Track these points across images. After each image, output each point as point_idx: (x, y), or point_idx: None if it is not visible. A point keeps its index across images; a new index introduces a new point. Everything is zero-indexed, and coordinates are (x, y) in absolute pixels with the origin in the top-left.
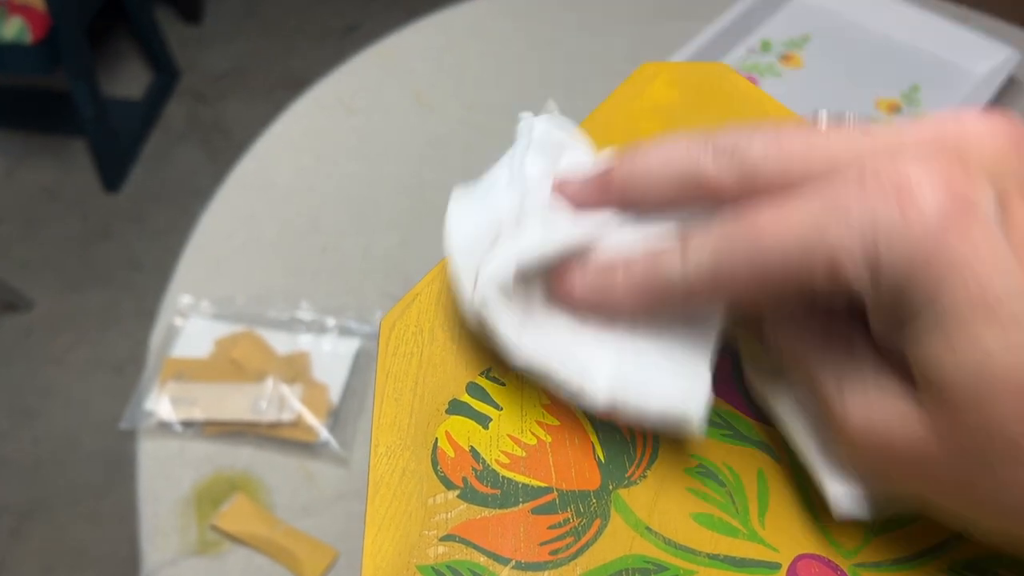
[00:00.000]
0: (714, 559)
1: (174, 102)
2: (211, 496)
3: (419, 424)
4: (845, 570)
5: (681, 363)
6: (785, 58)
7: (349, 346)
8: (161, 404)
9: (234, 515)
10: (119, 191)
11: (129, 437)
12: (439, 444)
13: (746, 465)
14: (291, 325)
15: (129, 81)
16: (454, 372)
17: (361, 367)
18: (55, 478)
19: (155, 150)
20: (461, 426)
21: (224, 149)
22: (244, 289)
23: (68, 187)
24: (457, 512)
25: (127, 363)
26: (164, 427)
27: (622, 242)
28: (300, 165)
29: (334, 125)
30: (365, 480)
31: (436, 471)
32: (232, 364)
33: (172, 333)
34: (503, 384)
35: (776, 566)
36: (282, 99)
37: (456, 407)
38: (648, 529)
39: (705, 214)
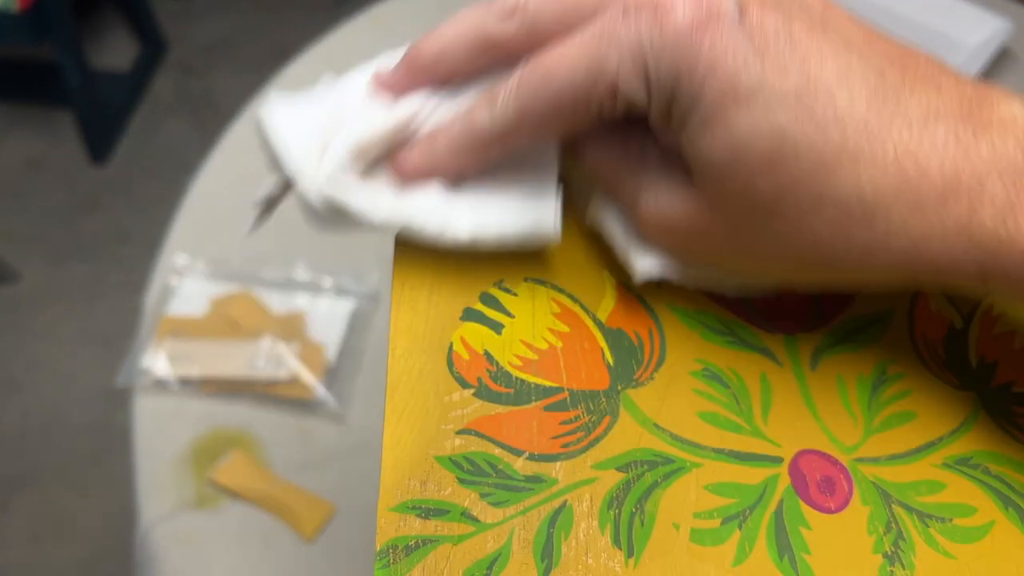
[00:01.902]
0: (719, 453)
1: (162, 74)
2: (208, 452)
3: (434, 330)
4: (844, 464)
5: (529, 194)
6: None
7: (345, 306)
8: (158, 361)
9: (231, 470)
10: (106, 163)
11: (117, 409)
12: (454, 348)
13: (750, 369)
14: (287, 285)
15: (117, 53)
16: (468, 282)
17: (357, 326)
18: (43, 450)
19: (143, 122)
20: (475, 332)
21: (212, 121)
22: (239, 250)
23: (55, 159)
24: (472, 409)
25: (115, 335)
26: (160, 384)
27: (443, 117)
28: None
29: None
30: (362, 437)
31: (452, 371)
32: (228, 323)
33: (167, 293)
34: (515, 294)
35: (778, 460)
36: (271, 71)
37: (470, 314)
38: (656, 426)
39: (508, 74)
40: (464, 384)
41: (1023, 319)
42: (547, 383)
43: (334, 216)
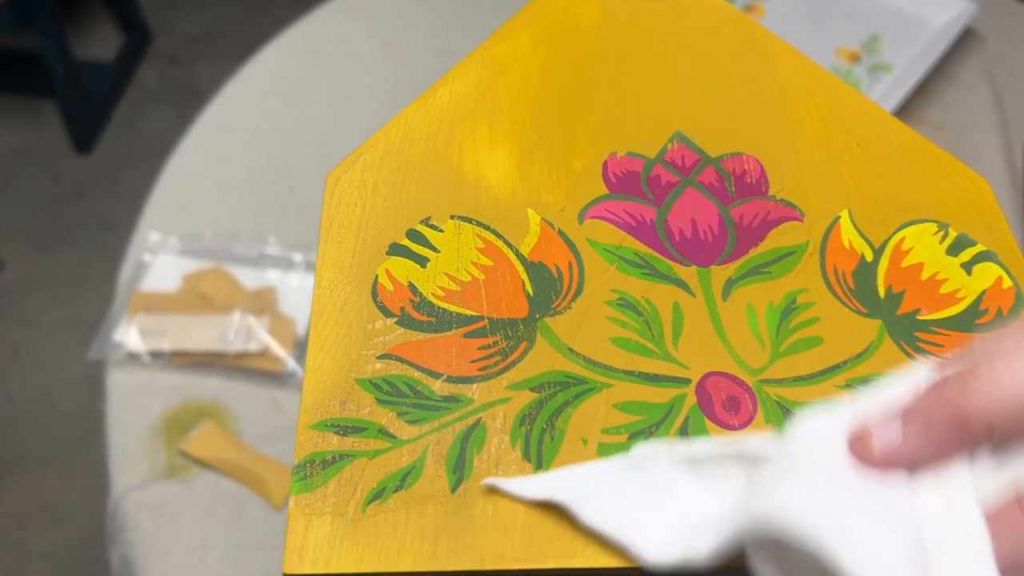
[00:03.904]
0: (629, 375)
1: (147, 64)
2: (179, 424)
3: (360, 264)
4: (750, 385)
5: None
6: (749, 8)
7: None
8: (129, 335)
9: (202, 441)
10: (91, 153)
11: (102, 395)
12: (379, 280)
13: (663, 298)
14: (259, 261)
15: (101, 44)
16: (395, 220)
17: None
18: (29, 436)
19: (128, 112)
20: (400, 265)
21: (197, 111)
22: (212, 228)
23: (39, 148)
24: (394, 336)
25: (99, 322)
26: (133, 358)
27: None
28: (268, 108)
29: (302, 70)
30: None
31: (376, 301)
32: (200, 298)
33: (141, 269)
34: (441, 231)
35: (686, 381)
36: (250, 58)
37: (396, 249)
38: (570, 350)
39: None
40: (387, 313)
41: None
42: (468, 312)
43: None
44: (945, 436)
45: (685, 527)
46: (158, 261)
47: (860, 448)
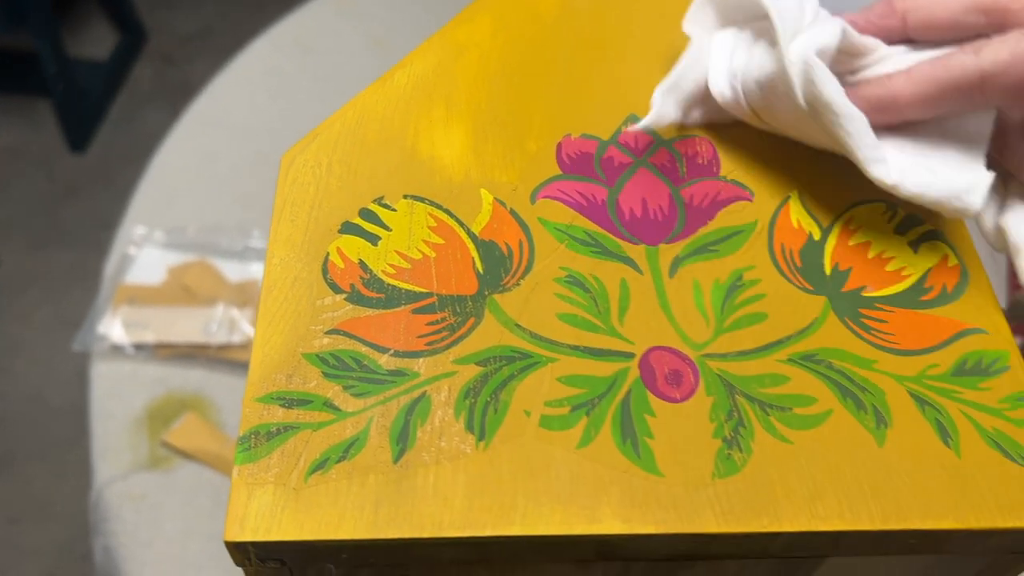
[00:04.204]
0: (574, 349)
1: (142, 63)
2: (162, 415)
3: (312, 241)
4: (693, 359)
5: (958, 166)
6: None
7: None
8: (113, 328)
9: (185, 432)
10: (86, 151)
11: (86, 386)
12: (330, 257)
13: (611, 276)
14: (243, 254)
15: (96, 43)
16: (348, 199)
17: None
18: (21, 433)
19: (123, 111)
20: (352, 243)
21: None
22: (198, 221)
23: (34, 147)
24: (343, 312)
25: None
26: (117, 350)
27: (899, 64)
28: (255, 103)
29: (290, 65)
30: None
31: (326, 278)
32: (184, 290)
33: (126, 262)
34: (394, 210)
35: (630, 355)
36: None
37: (348, 228)
38: (517, 326)
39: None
40: (337, 290)
41: None
42: (417, 289)
43: (811, 101)
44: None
45: None
46: (143, 254)
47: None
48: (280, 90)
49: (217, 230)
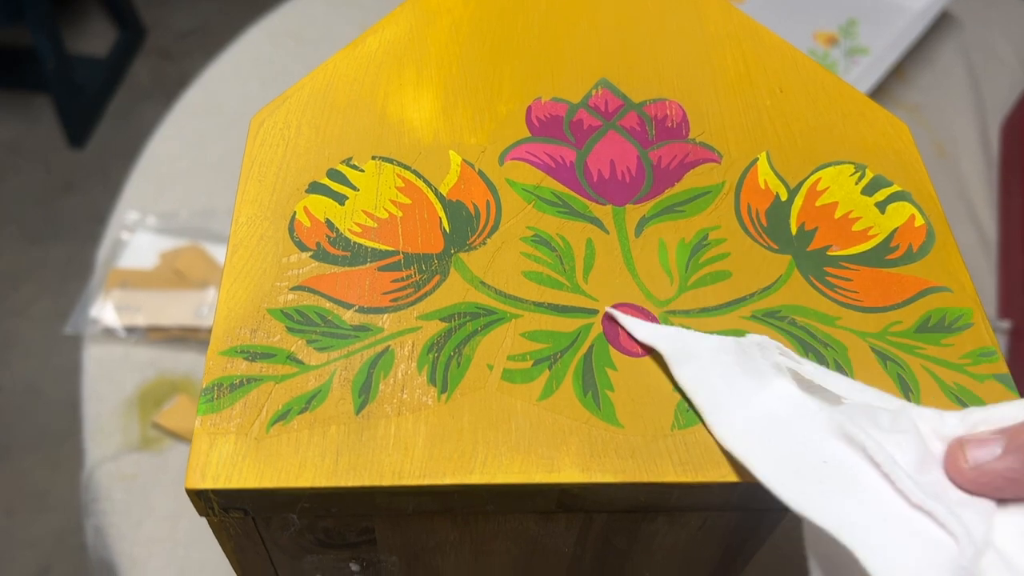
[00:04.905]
0: (539, 306)
1: (140, 60)
2: (154, 397)
3: (279, 201)
4: (656, 316)
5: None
6: None
7: None
8: (105, 311)
9: (176, 414)
10: (84, 147)
11: (79, 369)
12: (296, 216)
13: (577, 235)
14: None
15: (94, 39)
16: (316, 160)
17: None
18: (17, 425)
19: (121, 107)
20: (319, 203)
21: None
22: (189, 206)
23: (31, 142)
24: (308, 269)
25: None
26: (109, 333)
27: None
28: (247, 93)
29: (282, 55)
30: None
31: (292, 236)
32: (175, 274)
33: (118, 247)
34: (362, 171)
35: (593, 312)
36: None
37: (315, 188)
38: (482, 283)
39: None
40: (303, 248)
41: None
42: (383, 247)
43: None
44: None
45: (760, 425)
46: (135, 239)
47: (952, 461)
48: (272, 79)
49: (209, 215)
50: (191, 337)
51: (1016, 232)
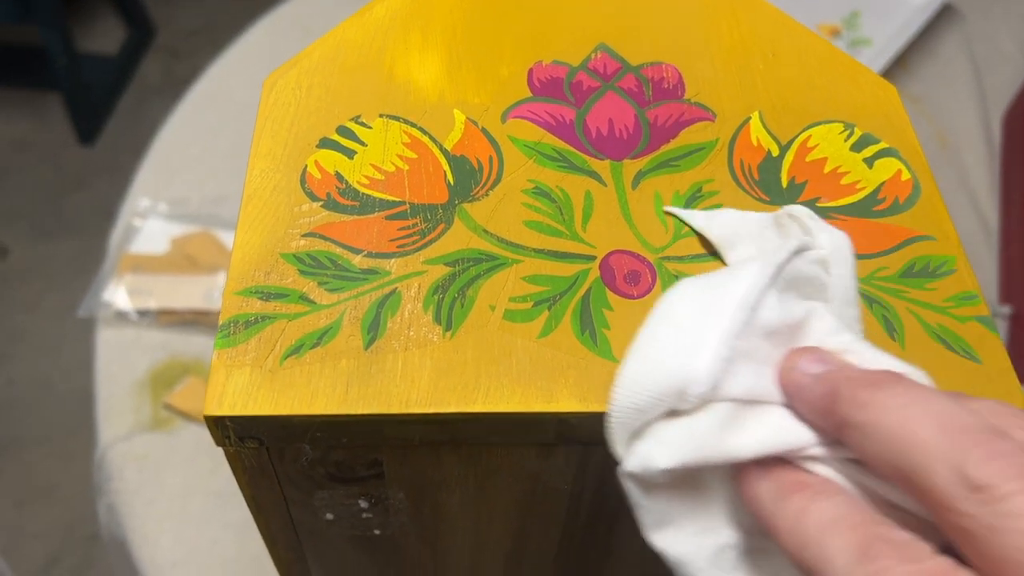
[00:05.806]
0: (539, 252)
1: (150, 58)
2: (165, 379)
3: (291, 155)
4: (651, 261)
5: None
6: None
7: None
8: (118, 294)
9: (187, 395)
10: (94, 144)
11: (91, 351)
12: (308, 169)
13: (576, 187)
14: None
15: (104, 37)
16: (327, 118)
17: None
18: (27, 418)
19: (131, 105)
20: (329, 157)
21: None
22: (200, 193)
23: (42, 139)
24: (319, 217)
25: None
26: (121, 316)
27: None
28: (256, 82)
29: (291, 46)
30: None
31: (303, 187)
32: (187, 259)
33: (130, 233)
34: (370, 127)
35: (591, 258)
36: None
37: (326, 143)
38: (485, 231)
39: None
40: (314, 198)
41: None
42: (390, 198)
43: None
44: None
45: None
46: (147, 225)
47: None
48: None
49: (219, 202)
50: (202, 320)
51: (1017, 221)
